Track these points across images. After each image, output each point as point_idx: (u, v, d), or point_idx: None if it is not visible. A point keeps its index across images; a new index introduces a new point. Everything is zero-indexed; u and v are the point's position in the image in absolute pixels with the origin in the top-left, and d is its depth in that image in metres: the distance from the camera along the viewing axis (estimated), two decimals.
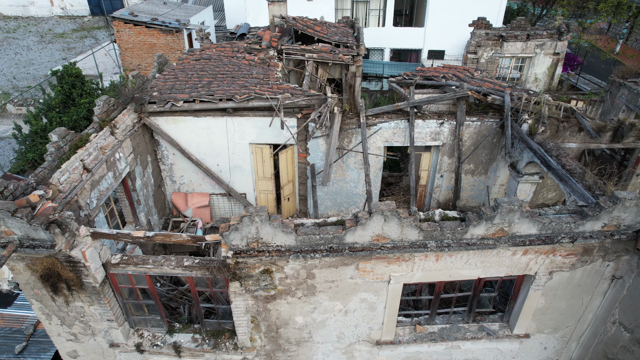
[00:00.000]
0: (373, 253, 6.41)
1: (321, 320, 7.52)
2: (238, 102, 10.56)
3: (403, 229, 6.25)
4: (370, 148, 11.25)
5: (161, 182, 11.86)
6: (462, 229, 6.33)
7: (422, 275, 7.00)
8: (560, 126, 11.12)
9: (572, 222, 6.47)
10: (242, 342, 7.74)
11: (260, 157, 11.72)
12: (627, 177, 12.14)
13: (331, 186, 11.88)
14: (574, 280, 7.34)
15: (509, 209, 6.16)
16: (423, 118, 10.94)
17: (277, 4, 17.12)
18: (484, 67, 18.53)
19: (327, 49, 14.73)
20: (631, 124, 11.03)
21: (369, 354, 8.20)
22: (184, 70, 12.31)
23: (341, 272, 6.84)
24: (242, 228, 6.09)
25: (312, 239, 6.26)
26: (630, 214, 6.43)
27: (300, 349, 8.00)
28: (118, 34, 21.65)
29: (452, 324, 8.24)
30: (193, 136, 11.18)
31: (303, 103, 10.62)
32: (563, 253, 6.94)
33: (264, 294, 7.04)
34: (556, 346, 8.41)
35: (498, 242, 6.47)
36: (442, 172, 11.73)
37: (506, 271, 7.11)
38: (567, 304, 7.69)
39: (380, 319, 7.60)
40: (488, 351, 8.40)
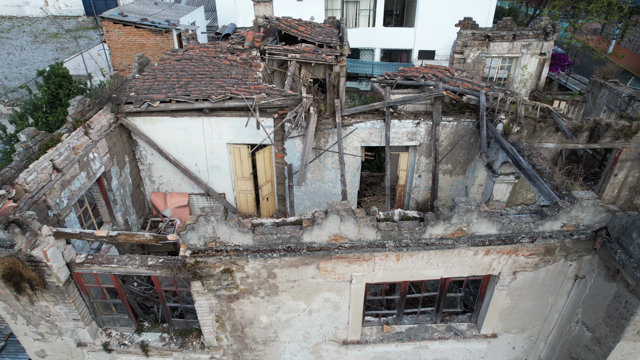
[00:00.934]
0: (331, 253, 6.43)
1: (286, 319, 7.54)
2: (214, 102, 10.59)
3: (360, 229, 6.27)
4: (347, 148, 11.27)
5: (140, 182, 11.89)
6: (420, 229, 6.35)
7: (384, 275, 7.01)
8: (537, 126, 11.12)
9: (532, 222, 6.48)
10: (208, 342, 7.76)
11: (239, 157, 11.75)
12: (606, 177, 12.13)
13: (309, 186, 11.90)
14: (537, 280, 7.35)
15: (466, 209, 6.17)
16: (399, 118, 10.95)
17: (262, 4, 17.17)
18: (470, 67, 18.52)
19: (310, 49, 14.75)
20: (607, 124, 11.03)
21: (336, 353, 8.22)
22: (163, 71, 12.34)
23: (302, 272, 6.86)
24: (198, 228, 6.12)
25: (270, 238, 6.28)
26: (588, 214, 6.44)
27: (267, 349, 8.02)
28: (107, 34, 21.69)
29: (420, 324, 8.25)
30: (171, 136, 11.21)
31: (279, 103, 10.64)
32: (525, 253, 6.95)
33: (226, 294, 7.07)
34: (524, 346, 8.42)
35: (457, 242, 6.48)
36: (420, 172, 11.74)
37: (469, 271, 7.12)
38: (533, 304, 7.69)
39: (346, 318, 7.62)
40: (457, 351, 8.41)
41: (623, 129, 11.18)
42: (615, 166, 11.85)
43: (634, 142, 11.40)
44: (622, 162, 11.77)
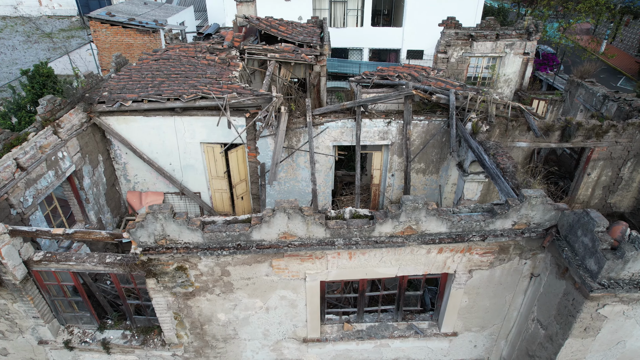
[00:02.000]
0: (281, 250, 6.47)
1: (244, 317, 7.59)
2: (185, 101, 10.64)
3: (309, 227, 6.30)
4: (319, 147, 11.31)
5: (115, 181, 11.95)
6: (369, 227, 6.38)
7: (338, 273, 7.05)
8: (509, 125, 11.14)
9: (482, 220, 6.51)
10: (168, 339, 7.82)
11: (213, 157, 11.80)
12: (579, 176, 12.15)
13: (283, 185, 11.94)
14: (494, 278, 7.38)
15: (414, 207, 6.20)
16: (370, 117, 10.99)
17: (244, 4, 17.24)
18: (454, 66, 18.54)
19: (290, 49, 14.81)
20: (578, 123, 11.06)
21: (297, 351, 8.26)
22: (140, 71, 12.40)
23: (255, 270, 6.90)
24: (147, 225, 6.17)
25: (219, 236, 6.33)
26: (537, 212, 6.46)
27: (228, 346, 8.07)
28: (95, 34, 21.77)
29: (381, 322, 8.28)
30: (144, 136, 11.27)
31: (250, 102, 10.69)
32: (479, 252, 6.98)
33: (182, 291, 7.12)
34: (486, 344, 8.44)
35: (407, 240, 6.51)
36: (393, 171, 11.77)
37: (424, 269, 7.16)
38: (491, 302, 7.72)
39: (304, 316, 7.66)
40: (419, 349, 8.44)
41: (594, 129, 11.20)
42: (588, 165, 11.86)
43: (606, 142, 11.42)
44: (595, 162, 11.78)
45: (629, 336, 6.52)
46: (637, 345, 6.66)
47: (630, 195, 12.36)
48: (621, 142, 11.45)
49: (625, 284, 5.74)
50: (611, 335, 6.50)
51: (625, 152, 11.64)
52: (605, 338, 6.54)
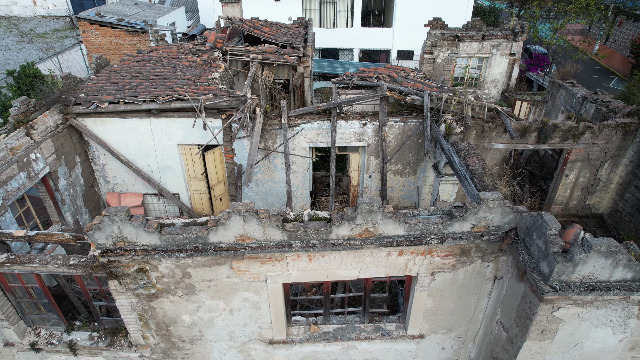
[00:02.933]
0: (238, 253, 6.48)
1: (208, 318, 7.61)
2: (160, 103, 10.67)
3: (265, 229, 6.32)
4: (295, 149, 11.32)
5: (94, 182, 11.99)
6: (326, 230, 6.39)
7: (299, 275, 7.07)
8: (485, 126, 11.14)
9: (441, 223, 6.52)
10: (135, 340, 7.84)
11: (191, 158, 11.83)
12: (558, 177, 12.14)
13: (261, 186, 11.96)
14: (457, 281, 7.38)
15: (369, 210, 6.21)
16: (346, 119, 11.00)
17: (230, 4, 17.28)
18: (441, 67, 18.53)
19: (273, 50, 14.84)
20: (554, 124, 11.06)
21: (265, 352, 8.28)
22: (119, 72, 12.43)
23: (216, 272, 6.92)
24: (104, 227, 6.19)
25: (177, 238, 6.35)
26: (496, 214, 6.47)
27: (195, 347, 8.09)
28: (84, 34, 21.82)
29: (348, 324, 8.29)
30: (122, 137, 11.30)
31: (225, 104, 10.71)
32: (440, 254, 6.98)
33: (145, 292, 7.14)
34: (453, 346, 8.45)
35: (365, 242, 6.52)
36: (370, 172, 11.78)
37: (385, 272, 7.16)
38: (456, 304, 7.73)
39: (268, 318, 7.68)
40: (386, 352, 8.45)
41: (570, 130, 11.19)
42: (565, 167, 11.85)
43: (583, 143, 11.41)
44: (573, 163, 11.77)
45: (585, 338, 6.52)
46: (595, 347, 6.66)
47: (609, 197, 12.34)
48: (598, 143, 11.43)
49: (577, 286, 5.74)
50: (568, 337, 6.50)
51: (602, 154, 11.62)
52: (562, 340, 6.54)
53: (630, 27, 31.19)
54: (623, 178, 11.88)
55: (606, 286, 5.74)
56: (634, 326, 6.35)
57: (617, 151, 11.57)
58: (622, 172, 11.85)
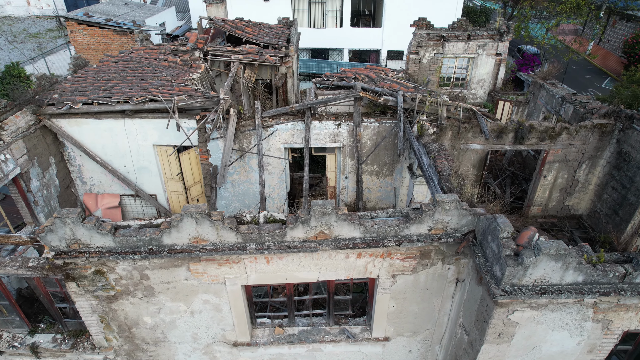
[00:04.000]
0: (192, 255, 6.44)
1: (170, 320, 7.57)
2: (134, 104, 10.64)
3: (219, 232, 6.28)
4: (270, 150, 11.28)
5: (71, 183, 11.96)
6: (281, 232, 6.35)
7: (257, 277, 7.02)
8: (461, 127, 11.09)
9: (397, 225, 6.47)
10: (98, 342, 7.81)
11: (167, 159, 11.79)
12: (536, 178, 12.08)
13: (237, 187, 11.92)
14: (419, 283, 7.33)
15: (322, 212, 6.17)
16: (320, 119, 10.95)
17: (214, 5, 17.26)
18: (426, 67, 18.45)
19: (254, 50, 14.79)
20: (530, 125, 11.00)
21: (230, 354, 8.24)
22: (97, 73, 12.41)
23: (174, 273, 6.88)
24: (56, 229, 6.16)
25: (131, 240, 6.31)
26: (452, 217, 6.41)
27: (159, 349, 8.05)
28: (72, 34, 21.82)
29: (313, 327, 8.25)
30: (97, 138, 11.27)
31: (197, 105, 10.68)
32: (400, 257, 6.93)
33: (104, 294, 7.11)
34: (420, 349, 8.39)
35: (320, 244, 6.47)
36: (346, 173, 11.73)
37: (345, 274, 7.12)
38: (420, 307, 7.67)
39: (230, 320, 7.64)
40: (353, 354, 8.40)
41: (547, 131, 11.13)
42: (543, 168, 11.78)
43: (560, 144, 11.35)
44: (551, 164, 11.71)
45: (543, 341, 6.46)
46: (553, 350, 6.60)
47: (588, 198, 12.27)
48: (575, 144, 11.37)
49: (529, 290, 5.68)
50: (526, 340, 6.45)
51: (579, 155, 11.56)
52: (520, 344, 6.49)
53: (623, 27, 31.08)
54: (601, 179, 11.81)
55: (558, 289, 5.68)
56: (590, 329, 6.29)
57: (594, 152, 11.51)
58: (599, 173, 11.78)
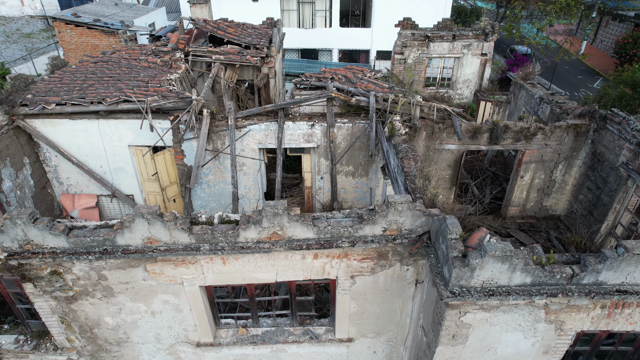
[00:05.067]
0: (146, 255, 6.44)
1: (132, 321, 7.57)
2: (107, 105, 10.64)
3: (171, 232, 6.28)
4: (245, 150, 11.27)
5: (47, 184, 11.98)
6: (234, 232, 6.34)
7: (215, 278, 7.02)
8: (435, 127, 11.07)
9: (351, 226, 6.45)
10: (60, 343, 7.82)
11: (142, 159, 11.80)
12: (513, 179, 12.05)
13: (213, 187, 11.92)
14: (379, 284, 7.31)
15: (274, 213, 6.16)
16: (294, 120, 10.94)
17: (198, 5, 17.27)
18: (412, 67, 18.42)
19: (235, 51, 14.79)
20: (505, 125, 10.97)
21: (194, 355, 8.24)
22: (74, 73, 12.42)
23: (132, 274, 6.89)
24: (7, 230, 6.16)
25: (84, 241, 6.31)
26: (406, 218, 6.40)
27: (122, 349, 8.06)
28: (60, 34, 21.84)
29: (277, 327, 8.24)
30: (72, 138, 11.28)
31: (170, 105, 10.68)
32: (357, 257, 6.92)
33: (63, 295, 7.11)
34: (385, 350, 8.38)
35: (274, 245, 6.46)
36: (322, 174, 11.72)
37: (303, 275, 7.11)
38: (381, 308, 7.66)
39: (191, 320, 7.64)
40: (318, 355, 8.39)
41: (522, 131, 11.10)
42: (520, 168, 11.75)
43: (535, 144, 11.32)
44: (527, 164, 11.68)
45: (498, 343, 6.44)
46: (509, 352, 6.58)
47: (565, 198, 12.23)
48: (550, 144, 11.34)
49: (477, 291, 5.66)
50: (480, 342, 6.43)
51: (555, 155, 11.53)
52: (475, 345, 6.47)
53: (615, 27, 30.99)
54: (577, 179, 11.78)
55: (506, 291, 5.66)
56: (544, 330, 6.27)
57: (570, 152, 11.48)
58: (576, 173, 11.75)
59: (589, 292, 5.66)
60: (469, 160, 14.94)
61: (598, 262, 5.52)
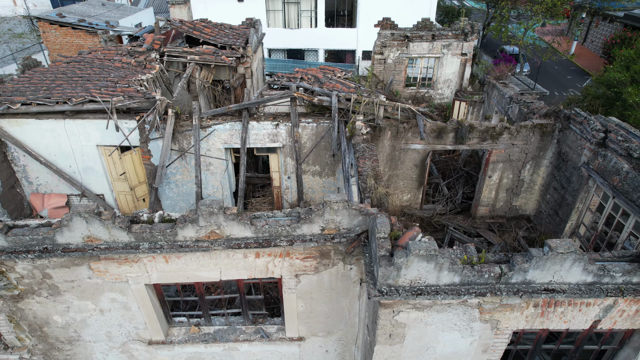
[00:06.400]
0: (86, 254, 6.49)
1: (81, 319, 7.63)
2: (72, 105, 10.71)
3: (110, 231, 6.33)
4: (211, 150, 11.32)
5: (16, 183, 12.05)
6: (172, 231, 6.38)
7: (159, 276, 7.06)
8: (400, 127, 11.09)
9: (288, 225, 6.49)
10: (10, 342, 7.87)
11: (111, 159, 11.86)
12: (481, 178, 12.06)
13: (181, 187, 11.97)
14: (324, 283, 7.34)
15: (209, 212, 6.20)
16: (258, 120, 10.98)
17: (177, 6, 17.32)
18: (392, 67, 18.45)
19: (210, 51, 14.84)
20: (470, 125, 10.99)
21: (147, 353, 8.28)
22: (44, 73, 12.49)
23: (76, 272, 6.94)
24: None
25: (23, 239, 6.37)
26: (343, 217, 6.43)
27: (75, 348, 8.11)
28: (44, 35, 21.95)
29: (230, 326, 8.28)
30: (40, 138, 11.35)
31: (135, 105, 10.73)
32: (299, 256, 6.95)
33: (8, 294, 7.16)
34: (337, 349, 8.40)
35: (213, 244, 6.50)
36: (288, 173, 11.75)
37: (247, 274, 7.14)
38: (329, 307, 7.69)
39: (141, 318, 7.68)
40: (270, 354, 8.42)
41: (488, 130, 11.11)
42: (487, 168, 11.76)
43: (502, 144, 11.32)
44: (495, 164, 11.69)
45: (435, 342, 6.46)
46: (447, 351, 6.59)
47: (534, 198, 12.23)
48: (517, 144, 11.35)
49: (405, 290, 5.68)
50: (418, 341, 6.45)
51: (523, 155, 11.53)
52: (413, 345, 6.49)
53: (605, 27, 30.91)
54: (545, 179, 11.78)
55: (435, 290, 5.68)
56: (480, 329, 6.29)
57: (537, 152, 11.48)
58: (543, 173, 11.75)
59: (517, 290, 5.67)
60: (443, 160, 14.95)
61: (525, 261, 5.53)
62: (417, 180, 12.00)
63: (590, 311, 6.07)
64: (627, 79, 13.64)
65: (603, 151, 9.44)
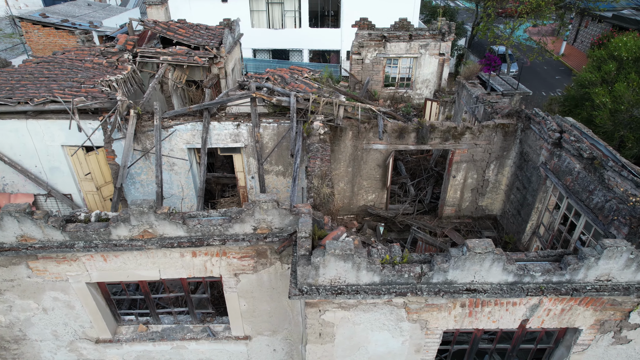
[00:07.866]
0: (20, 252, 6.54)
1: (25, 318, 7.69)
2: (34, 105, 10.78)
3: (44, 230, 6.38)
4: (174, 150, 11.38)
5: None
6: (105, 230, 6.43)
7: (99, 275, 7.11)
8: (361, 127, 11.12)
9: (220, 224, 6.52)
10: None
11: (77, 159, 11.93)
12: (445, 178, 12.06)
13: (146, 187, 12.03)
14: (263, 283, 7.38)
15: (140, 211, 6.24)
16: (219, 120, 11.03)
17: (154, 6, 17.38)
18: (369, 67, 18.47)
19: (183, 52, 14.91)
20: (431, 125, 11.00)
21: (96, 351, 8.34)
22: (11, 74, 12.58)
23: (15, 271, 7.00)
24: None
25: None
26: (274, 217, 6.46)
27: (21, 347, 8.18)
28: (27, 35, 22.08)
29: (178, 324, 8.33)
30: (3, 138, 11.43)
31: (97, 106, 10.80)
32: (236, 256, 6.99)
33: None
34: (285, 348, 8.44)
35: (147, 243, 6.54)
36: (252, 173, 11.80)
37: (186, 273, 7.18)
38: (272, 306, 7.72)
39: (86, 317, 7.74)
40: (219, 352, 8.46)
41: (449, 130, 11.12)
42: (451, 168, 11.76)
43: (465, 144, 11.33)
44: (458, 164, 11.69)
45: (367, 342, 6.48)
46: (380, 351, 6.62)
47: (500, 198, 12.23)
48: (480, 144, 11.35)
49: (326, 290, 5.71)
50: (349, 341, 6.48)
51: (486, 155, 11.53)
52: (344, 344, 6.52)
53: (595, 28, 30.82)
54: (509, 179, 11.77)
55: (355, 289, 5.70)
56: (409, 329, 6.31)
57: (501, 152, 11.48)
58: (508, 173, 11.75)
59: (439, 290, 5.69)
60: (414, 160, 14.96)
61: (444, 261, 5.55)
62: (380, 180, 12.02)
63: (517, 311, 6.09)
64: (597, 79, 13.61)
65: (558, 151, 9.44)
